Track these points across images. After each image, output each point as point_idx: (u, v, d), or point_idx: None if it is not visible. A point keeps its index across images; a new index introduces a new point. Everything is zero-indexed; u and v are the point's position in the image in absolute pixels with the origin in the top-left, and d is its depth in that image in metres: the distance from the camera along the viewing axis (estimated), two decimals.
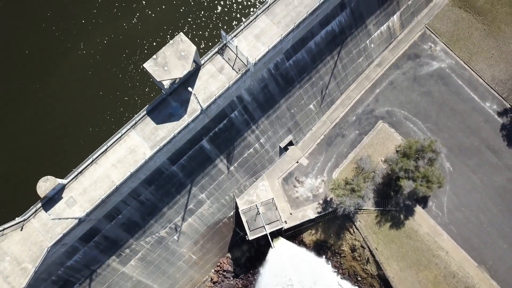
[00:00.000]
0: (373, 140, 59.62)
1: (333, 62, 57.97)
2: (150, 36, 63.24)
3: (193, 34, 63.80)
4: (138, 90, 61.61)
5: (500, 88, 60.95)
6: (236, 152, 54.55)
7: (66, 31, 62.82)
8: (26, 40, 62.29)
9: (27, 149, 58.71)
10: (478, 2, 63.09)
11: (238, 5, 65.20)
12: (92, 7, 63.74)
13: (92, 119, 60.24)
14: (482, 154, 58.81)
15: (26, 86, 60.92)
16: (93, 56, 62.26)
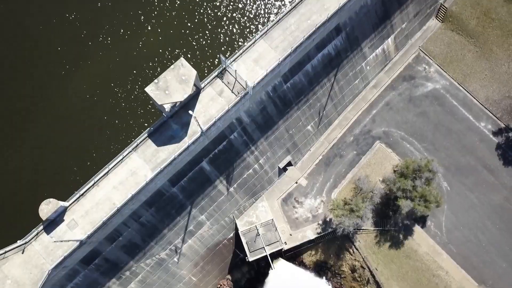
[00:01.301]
0: (371, 160, 60.39)
1: (330, 84, 59.26)
2: (151, 60, 64.65)
3: (194, 58, 65.23)
4: (140, 113, 62.61)
5: (494, 108, 62.18)
6: (236, 173, 55.17)
7: (68, 56, 64.17)
8: (30, 63, 63.59)
9: (29, 171, 59.30)
10: (469, 25, 64.98)
11: (237, 30, 66.97)
12: (96, 32, 65.31)
13: (94, 141, 61.02)
14: (478, 173, 59.55)
15: (29, 108, 61.93)
16: (95, 80, 63.48)
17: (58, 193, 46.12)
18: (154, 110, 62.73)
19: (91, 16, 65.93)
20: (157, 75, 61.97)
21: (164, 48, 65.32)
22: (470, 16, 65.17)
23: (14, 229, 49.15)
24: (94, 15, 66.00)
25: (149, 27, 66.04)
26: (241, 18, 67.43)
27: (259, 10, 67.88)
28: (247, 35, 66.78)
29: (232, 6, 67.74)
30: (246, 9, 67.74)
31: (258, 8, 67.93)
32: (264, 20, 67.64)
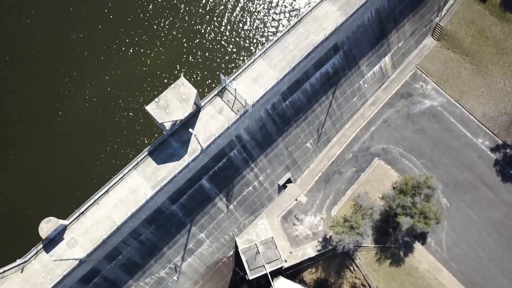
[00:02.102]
0: (370, 177, 60.62)
1: (328, 101, 59.94)
2: (151, 79, 65.42)
3: (194, 77, 66.04)
4: (140, 131, 63.04)
5: (491, 125, 62.77)
6: (235, 191, 55.30)
7: (70, 74, 64.95)
8: (31, 80, 64.29)
9: (29, 189, 59.33)
10: (465, 43, 66.12)
11: (237, 49, 67.98)
12: (97, 51, 66.26)
13: (94, 160, 61.25)
14: (477, 190, 59.75)
15: (29, 125, 62.33)
16: (96, 98, 64.12)
17: (58, 211, 46.28)
18: (155, 128, 63.19)
19: (92, 35, 66.98)
20: (157, 94, 62.96)
21: (164, 66, 66.20)
22: (465, 34, 66.39)
23: (14, 248, 49.01)
24: (95, 34, 67.06)
25: (150, 46, 67.05)
26: (241, 38, 68.55)
27: (258, 30, 69.09)
28: (247, 54, 67.78)
29: (232, 26, 68.95)
30: (245, 29, 68.94)
31: (257, 28, 69.14)
32: (263, 39, 68.77)
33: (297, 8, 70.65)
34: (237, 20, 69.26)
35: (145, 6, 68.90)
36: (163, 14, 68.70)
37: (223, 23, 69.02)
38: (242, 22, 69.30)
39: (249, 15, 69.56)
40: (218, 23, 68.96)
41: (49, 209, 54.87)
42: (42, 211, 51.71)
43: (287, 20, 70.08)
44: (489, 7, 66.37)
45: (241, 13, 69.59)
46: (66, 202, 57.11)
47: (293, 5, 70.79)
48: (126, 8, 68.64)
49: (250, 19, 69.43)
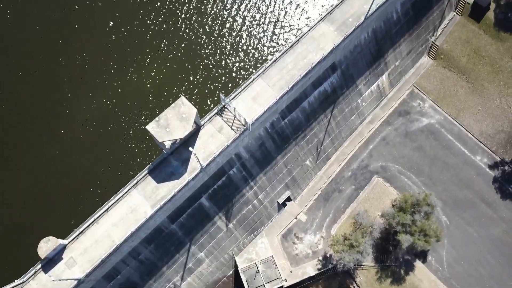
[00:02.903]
0: (369, 195, 60.70)
1: (327, 120, 60.50)
2: (152, 98, 66.07)
3: (194, 96, 66.73)
4: (140, 150, 63.32)
5: (489, 142, 63.22)
6: (235, 209, 55.27)
7: (70, 92, 65.59)
8: (30, 96, 64.86)
9: (28, 208, 59.18)
10: (460, 62, 67.16)
11: (236, 69, 68.93)
12: (98, 70, 67.07)
13: (94, 178, 61.33)
14: (476, 207, 59.78)
15: (27, 143, 62.57)
16: (96, 116, 64.59)
17: (57, 230, 46.20)
18: (155, 147, 63.49)
19: (93, 53, 67.90)
20: (158, 113, 63.55)
21: (165, 85, 66.95)
22: (461, 53, 67.50)
23: (12, 267, 48.75)
24: (96, 52, 67.97)
25: (151, 66, 67.94)
26: (240, 58, 69.55)
27: (257, 50, 70.15)
28: (246, 74, 68.65)
29: (232, 46, 70.04)
30: (244, 49, 70.00)
31: (257, 48, 70.21)
32: (262, 59, 69.77)
33: (295, 28, 71.91)
34: (237, 41, 70.40)
35: (147, 25, 70.10)
36: (164, 33, 69.85)
37: (223, 43, 70.14)
38: (241, 42, 70.43)
39: (249, 35, 70.77)
40: (219, 42, 70.07)
41: (48, 228, 54.66)
42: (41, 230, 51.53)
43: (285, 40, 71.22)
44: (483, 27, 67.70)
45: (241, 33, 70.80)
46: (65, 221, 56.93)
47: (292, 26, 72.07)
48: (127, 27, 69.80)
49: (250, 40, 70.59)
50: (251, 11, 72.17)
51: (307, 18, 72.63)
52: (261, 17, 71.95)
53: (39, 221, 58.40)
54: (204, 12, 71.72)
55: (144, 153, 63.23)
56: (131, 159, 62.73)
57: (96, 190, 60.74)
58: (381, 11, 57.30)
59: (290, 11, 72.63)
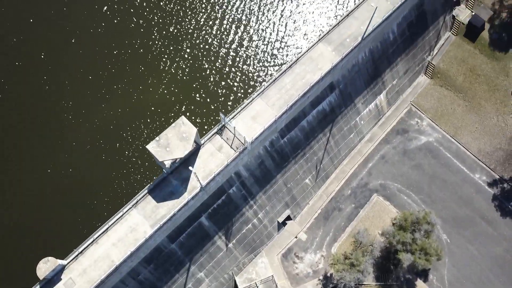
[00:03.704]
0: (369, 213, 60.66)
1: (326, 138, 60.94)
2: (152, 117, 66.64)
3: (194, 114, 67.31)
4: (140, 169, 63.51)
5: (487, 160, 63.54)
6: (235, 228, 55.13)
7: (70, 111, 66.16)
8: (31, 114, 65.37)
9: (27, 228, 58.96)
10: (457, 81, 68.08)
11: (236, 89, 69.75)
12: (98, 89, 67.81)
13: (93, 198, 61.33)
14: (477, 225, 59.68)
15: (27, 163, 62.75)
16: (95, 136, 64.99)
17: (56, 251, 45.96)
18: (155, 167, 63.71)
19: (94, 72, 68.77)
20: (158, 132, 64.05)
21: (165, 105, 67.59)
22: (457, 72, 68.49)
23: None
24: (97, 71, 68.84)
25: (152, 85, 68.74)
26: (240, 78, 70.45)
27: (256, 70, 71.14)
28: (246, 93, 69.43)
29: (231, 66, 71.04)
30: (244, 70, 70.99)
31: (256, 69, 71.21)
32: (261, 79, 70.69)
33: (295, 49, 73.04)
34: (236, 61, 71.44)
35: (148, 45, 71.21)
36: (166, 53, 70.91)
37: (223, 63, 71.15)
38: (241, 62, 71.46)
39: (248, 56, 71.85)
40: (218, 63, 71.10)
41: (47, 248, 54.49)
42: (40, 251, 51.25)
43: (285, 60, 72.28)
44: (478, 46, 68.88)
45: (241, 54, 71.91)
46: (65, 240, 56.61)
47: (291, 46, 73.24)
48: (129, 46, 70.87)
49: (249, 60, 71.64)
50: (251, 32, 73.47)
51: (305, 39, 73.85)
52: (261, 38, 73.19)
53: (38, 240, 58.12)
54: (205, 32, 72.98)
55: (144, 172, 63.39)
56: (131, 178, 62.85)
57: (95, 210, 60.64)
58: (377, 32, 58.45)
59: (290, 32, 73.95)
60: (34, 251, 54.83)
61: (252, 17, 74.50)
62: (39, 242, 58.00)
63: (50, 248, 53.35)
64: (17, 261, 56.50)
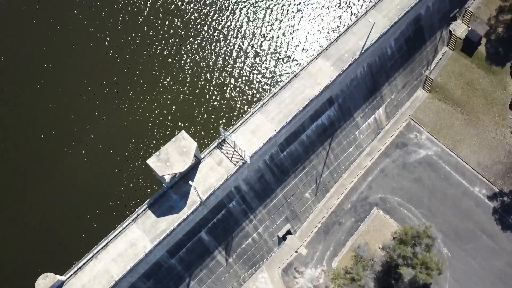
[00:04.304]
0: (370, 227, 60.48)
1: (325, 152, 61.13)
2: (152, 131, 66.94)
3: (193, 129, 67.62)
4: (140, 184, 63.53)
5: (486, 173, 63.63)
6: (235, 243, 54.90)
7: (70, 127, 66.47)
8: (32, 134, 65.65)
9: (27, 243, 58.71)
10: (455, 94, 68.60)
11: (236, 104, 70.20)
12: (98, 104, 68.26)
13: (93, 213, 61.20)
14: (478, 239, 59.46)
15: (28, 180, 62.79)
16: (96, 151, 65.18)
17: (55, 266, 45.70)
18: (155, 181, 63.73)
19: (95, 86, 69.32)
20: (158, 146, 64.25)
21: (165, 120, 67.95)
22: (455, 86, 69.06)
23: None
24: (99, 86, 69.39)
25: (152, 101, 69.21)
26: (240, 93, 70.98)
27: (256, 85, 71.70)
28: (245, 108, 69.88)
29: (231, 82, 71.64)
30: (243, 84, 71.57)
31: (255, 83, 71.78)
32: (260, 94, 71.23)
33: (294, 64, 73.76)
34: (236, 76, 72.08)
35: (149, 60, 71.90)
36: (166, 69, 71.56)
37: (223, 78, 71.76)
38: (241, 78, 72.09)
39: (248, 71, 72.51)
40: (218, 78, 71.70)
41: (46, 263, 54.12)
42: (39, 266, 50.94)
43: (284, 75, 72.91)
44: (475, 61, 69.59)
45: (241, 69, 72.58)
46: (64, 256, 56.40)
47: (290, 62, 73.93)
48: (130, 61, 71.57)
49: (249, 75, 72.29)
50: (252, 48, 74.26)
51: (305, 54, 74.63)
52: (261, 53, 73.96)
53: (37, 256, 57.82)
54: (206, 48, 73.78)
55: (144, 187, 63.38)
56: (131, 193, 62.81)
57: (95, 225, 60.47)
58: (375, 47, 59.15)
59: (289, 47, 74.76)
60: (33, 267, 54.45)
61: (253, 33, 75.42)
62: (38, 257, 57.69)
63: (49, 264, 53.04)
64: (15, 277, 56.13)
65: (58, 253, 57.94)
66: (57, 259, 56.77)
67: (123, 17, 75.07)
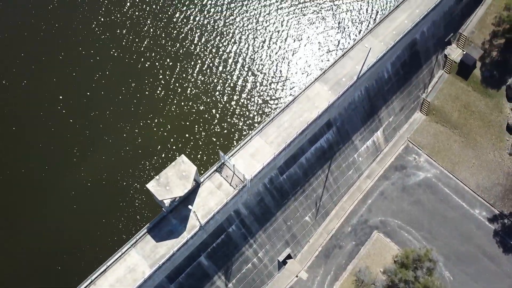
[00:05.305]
0: (370, 251, 60.03)
1: (325, 175, 61.28)
2: (152, 155, 67.18)
3: (193, 153, 67.91)
4: (140, 207, 63.33)
5: (486, 195, 63.63)
6: (235, 268, 54.35)
7: (71, 151, 66.71)
8: (35, 153, 65.82)
9: (23, 269, 58.05)
10: (452, 117, 69.31)
11: (235, 127, 70.78)
12: (98, 128, 68.71)
13: (92, 238, 60.72)
14: (479, 262, 58.96)
15: (28, 201, 62.57)
16: (95, 175, 65.18)
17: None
18: (155, 205, 63.54)
19: (97, 110, 69.93)
20: (158, 170, 64.34)
21: (165, 144, 68.31)
22: (452, 109, 69.85)
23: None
24: (99, 109, 70.01)
25: (152, 125, 69.73)
26: (239, 116, 71.66)
27: (255, 109, 72.45)
28: (244, 131, 70.41)
29: (230, 106, 72.42)
30: (242, 108, 72.32)
31: (254, 107, 72.55)
32: (260, 118, 71.90)
33: (293, 87, 74.77)
34: (235, 100, 72.90)
35: (151, 85, 72.82)
36: (167, 93, 72.42)
37: (222, 103, 72.56)
38: (240, 102, 72.91)
39: (247, 96, 73.41)
40: (217, 102, 72.49)
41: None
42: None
43: (283, 100, 73.79)
44: (471, 84, 70.68)
45: (240, 93, 73.49)
46: (61, 283, 55.68)
47: (289, 85, 74.99)
48: (130, 85, 72.45)
49: (248, 99, 73.14)
50: (251, 72, 75.42)
51: (304, 78, 75.73)
52: (260, 78, 75.05)
53: (33, 283, 57.03)
54: (206, 72, 74.88)
55: (143, 211, 63.16)
56: (130, 218, 62.52)
57: (93, 250, 59.90)
58: (372, 71, 60.20)
59: (289, 72, 75.93)
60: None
61: (253, 57, 76.72)
62: (34, 284, 56.89)
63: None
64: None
65: (54, 280, 57.20)
66: (53, 286, 56.00)
67: (126, 41, 76.47)
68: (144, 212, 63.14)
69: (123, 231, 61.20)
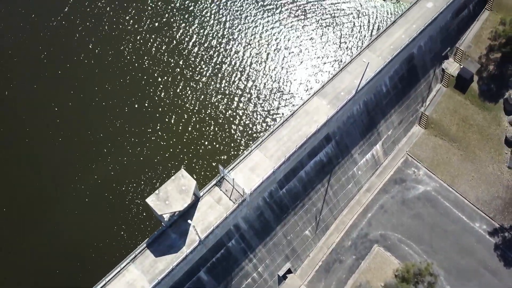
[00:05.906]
0: (371, 265, 59.67)
1: (324, 189, 61.27)
2: (151, 170, 67.24)
3: (192, 167, 67.99)
4: (139, 222, 63.13)
5: (486, 209, 63.54)
6: (234, 283, 53.92)
7: (70, 165, 66.80)
8: (36, 167, 65.90)
9: (22, 280, 57.60)
10: (451, 130, 69.61)
11: (234, 141, 71.03)
12: (96, 141, 68.92)
13: (90, 253, 60.38)
14: (481, 276, 58.57)
15: (28, 216, 62.37)
16: (94, 189, 65.15)
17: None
18: (154, 220, 63.37)
19: (96, 125, 70.22)
20: (157, 184, 64.34)
21: (165, 158, 68.43)
22: (450, 122, 70.21)
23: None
24: (99, 124, 70.31)
25: (151, 139, 69.97)
26: (239, 131, 71.96)
27: (254, 123, 72.81)
28: (244, 145, 70.61)
29: (229, 119, 72.79)
30: (242, 122, 72.68)
31: (253, 121, 72.92)
32: (259, 132, 72.19)
33: (292, 101, 75.25)
34: (234, 114, 73.31)
35: (152, 100, 73.29)
36: (168, 108, 72.84)
37: (221, 117, 72.93)
38: (238, 116, 73.30)
39: (246, 109, 73.85)
40: (217, 117, 72.87)
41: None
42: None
43: (282, 113, 74.21)
44: (469, 97, 71.17)
45: (239, 107, 73.93)
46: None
47: (289, 100, 75.50)
48: (129, 99, 72.90)
49: (247, 113, 73.55)
50: (252, 87, 75.96)
51: (303, 92, 76.31)
52: (260, 92, 75.61)
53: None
54: (206, 86, 75.46)
55: (142, 225, 62.93)
56: (129, 232, 62.27)
57: (92, 265, 59.51)
58: (370, 85, 60.71)
59: (288, 86, 76.52)
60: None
61: (252, 71, 77.37)
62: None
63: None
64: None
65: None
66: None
67: (128, 55, 77.20)
68: (143, 226, 62.90)
69: (122, 246, 60.87)
